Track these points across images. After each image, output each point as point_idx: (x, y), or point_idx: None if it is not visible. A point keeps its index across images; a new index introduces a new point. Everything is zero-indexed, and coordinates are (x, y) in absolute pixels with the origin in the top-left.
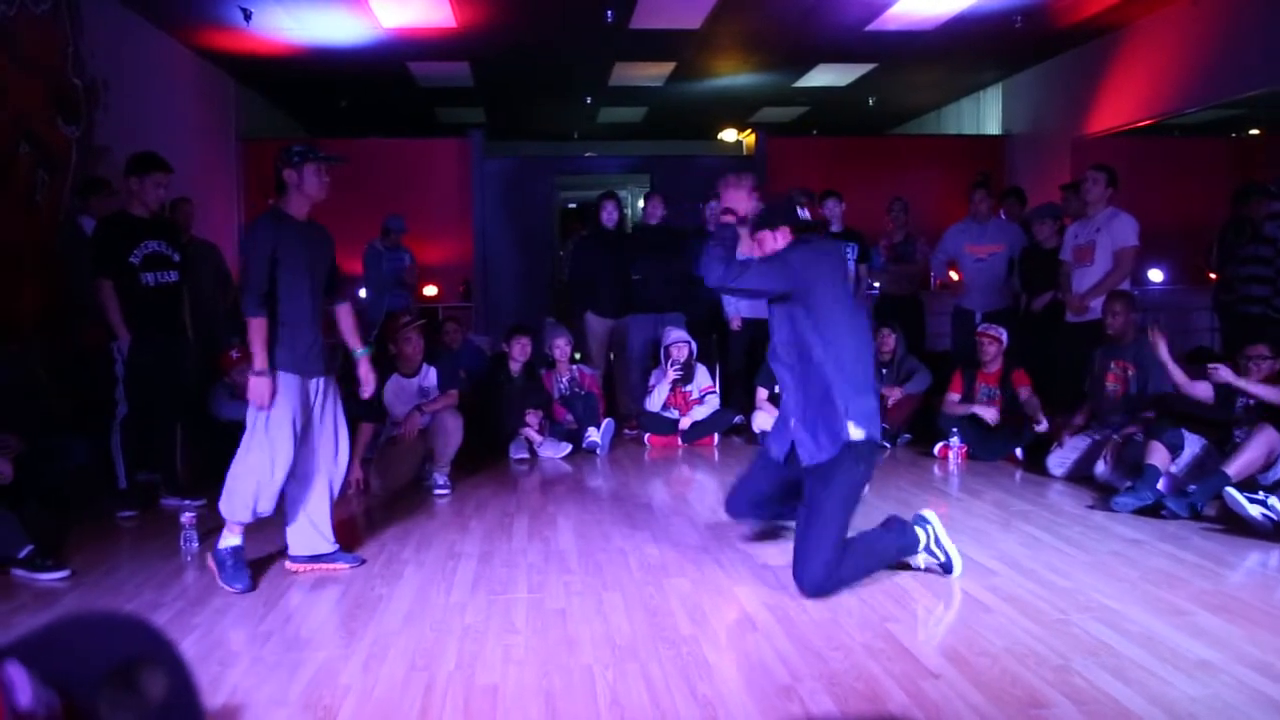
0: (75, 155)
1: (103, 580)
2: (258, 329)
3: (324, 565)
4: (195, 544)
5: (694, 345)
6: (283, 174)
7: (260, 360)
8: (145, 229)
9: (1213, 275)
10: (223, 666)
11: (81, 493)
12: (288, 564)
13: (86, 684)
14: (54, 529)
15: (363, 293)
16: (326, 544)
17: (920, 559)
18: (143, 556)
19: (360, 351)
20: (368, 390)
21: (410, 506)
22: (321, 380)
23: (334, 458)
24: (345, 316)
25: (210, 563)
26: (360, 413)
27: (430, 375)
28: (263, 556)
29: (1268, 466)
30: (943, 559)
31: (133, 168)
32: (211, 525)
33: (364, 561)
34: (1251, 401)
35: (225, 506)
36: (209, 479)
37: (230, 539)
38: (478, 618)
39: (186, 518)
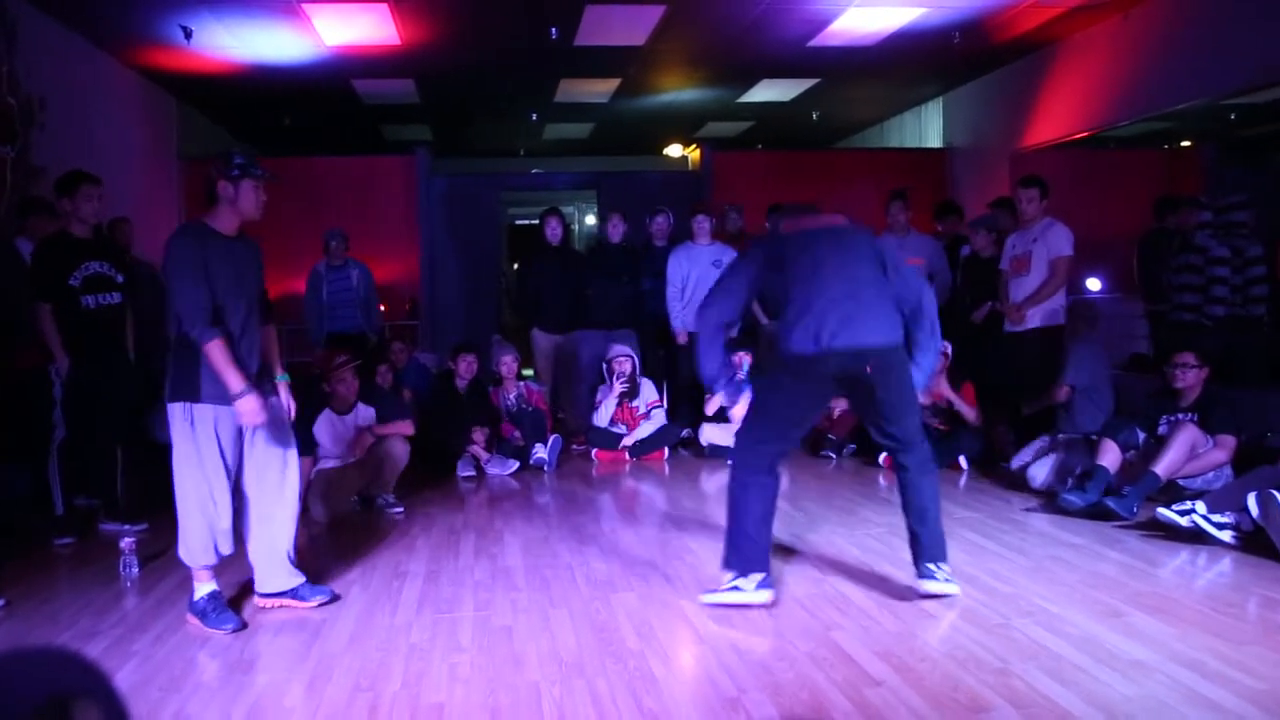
0: (10, 176)
1: (39, 609)
2: (219, 350)
3: (290, 602)
4: (135, 569)
5: (636, 359)
6: (217, 185)
7: (236, 381)
8: (86, 250)
9: (1137, 284)
10: (163, 693)
11: (17, 520)
12: (256, 600)
13: (17, 717)
14: None
15: None
16: (289, 579)
17: None
18: (80, 583)
19: (279, 377)
20: (251, 419)
21: (356, 526)
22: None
23: (281, 487)
24: (270, 340)
25: (190, 619)
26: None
27: (368, 414)
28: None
29: (1215, 469)
30: None
31: (61, 188)
32: (151, 550)
33: (338, 596)
34: (1181, 415)
35: (185, 554)
36: (149, 503)
37: (202, 587)
38: (423, 637)
39: (126, 543)
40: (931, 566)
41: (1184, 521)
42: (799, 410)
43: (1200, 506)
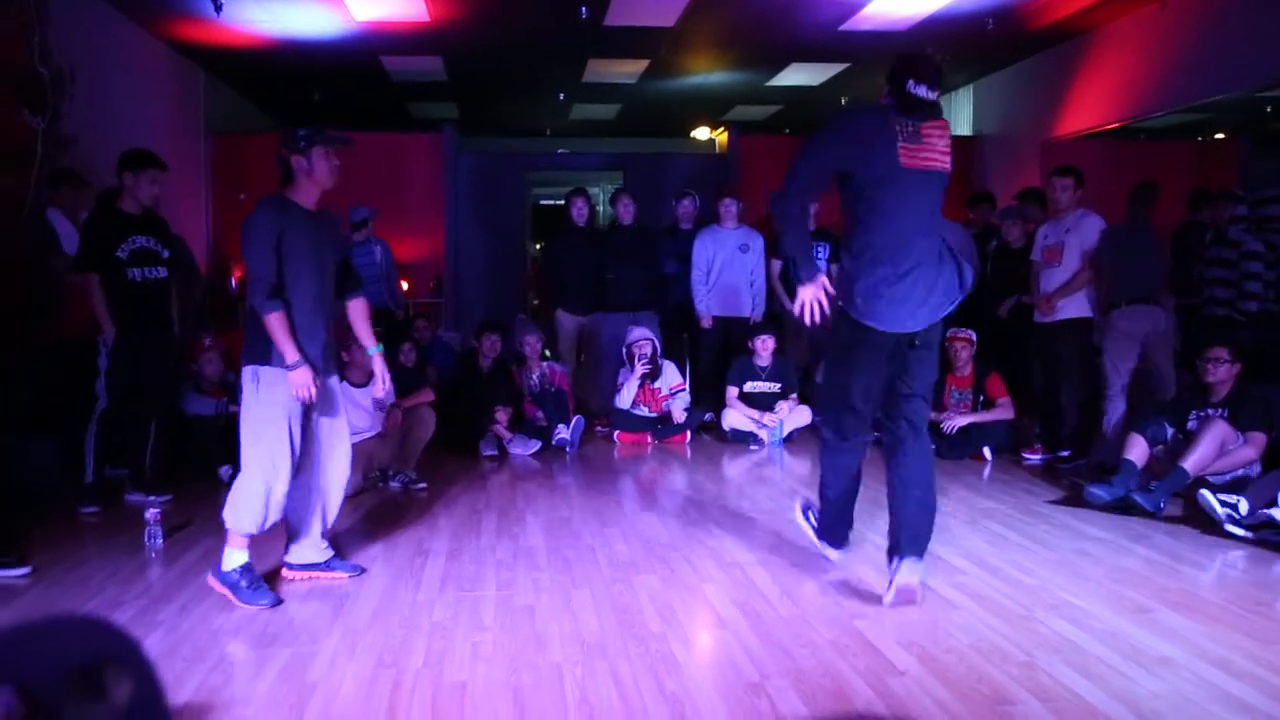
0: (41, 147)
1: (65, 577)
2: (278, 324)
3: (320, 574)
4: (160, 540)
5: (657, 341)
6: (290, 161)
7: (291, 352)
8: (134, 224)
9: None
10: (187, 664)
11: (46, 489)
12: (284, 572)
13: (50, 686)
14: (12, 526)
15: None
16: (320, 553)
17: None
18: (106, 553)
19: (372, 349)
20: (381, 388)
21: (379, 503)
22: (325, 382)
23: (342, 461)
24: (358, 313)
25: (218, 587)
26: None
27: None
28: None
29: (1245, 466)
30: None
31: (127, 163)
32: (176, 521)
33: (364, 570)
34: (1211, 411)
35: (231, 517)
36: (175, 475)
37: (236, 556)
38: (446, 615)
39: (151, 514)
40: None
41: (1221, 512)
42: (868, 376)
43: (1243, 505)
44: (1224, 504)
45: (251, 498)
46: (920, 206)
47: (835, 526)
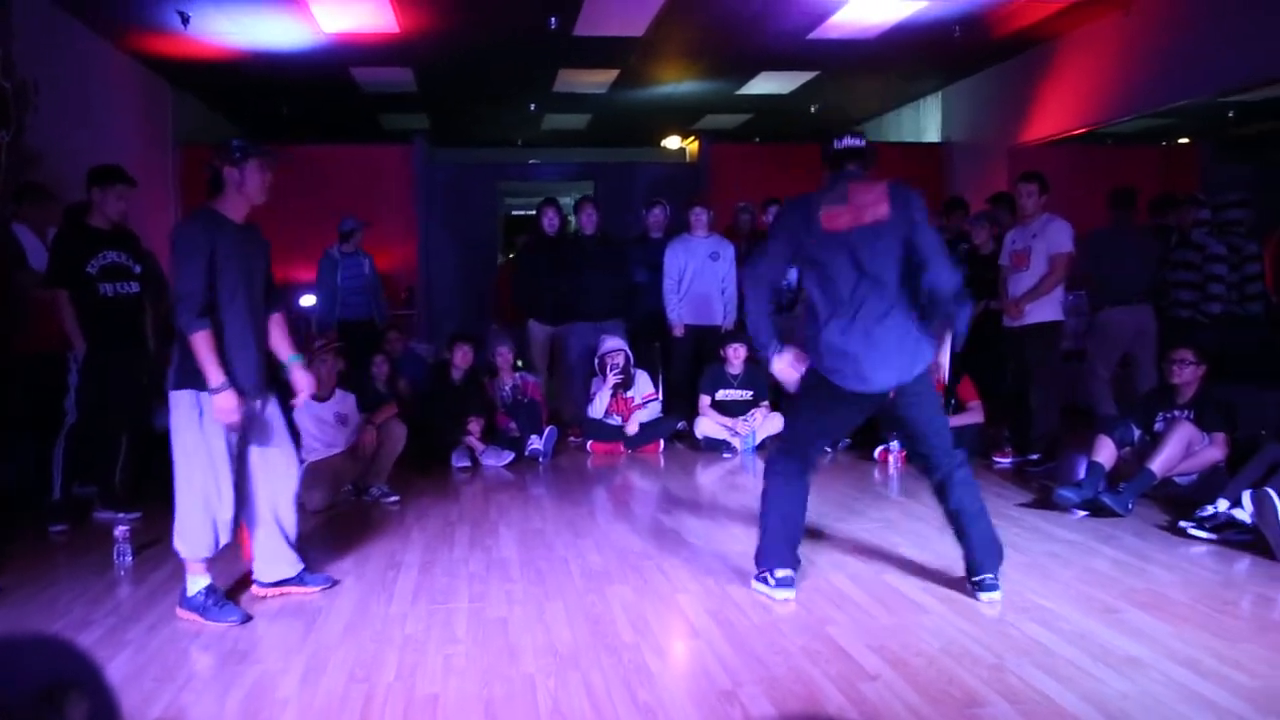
0: (5, 159)
1: (34, 597)
2: (204, 342)
3: (292, 589)
4: (129, 558)
5: (629, 351)
6: (222, 172)
7: (216, 375)
8: (104, 240)
9: None
10: (157, 683)
11: (12, 507)
12: (254, 589)
13: (9, 706)
14: None
15: (308, 300)
16: (291, 567)
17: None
18: (75, 571)
19: (291, 358)
20: (303, 395)
21: (350, 517)
22: (260, 399)
23: (285, 474)
24: (277, 325)
25: (184, 614)
26: None
27: (347, 401)
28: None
29: (1210, 466)
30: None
31: (95, 178)
32: (145, 539)
33: (336, 582)
34: (1177, 413)
35: (183, 546)
36: (143, 492)
37: (197, 581)
38: (418, 628)
39: (120, 531)
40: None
41: (1207, 535)
42: (831, 422)
43: (1222, 504)
44: (1208, 518)
45: (198, 525)
46: (862, 264)
47: (787, 548)
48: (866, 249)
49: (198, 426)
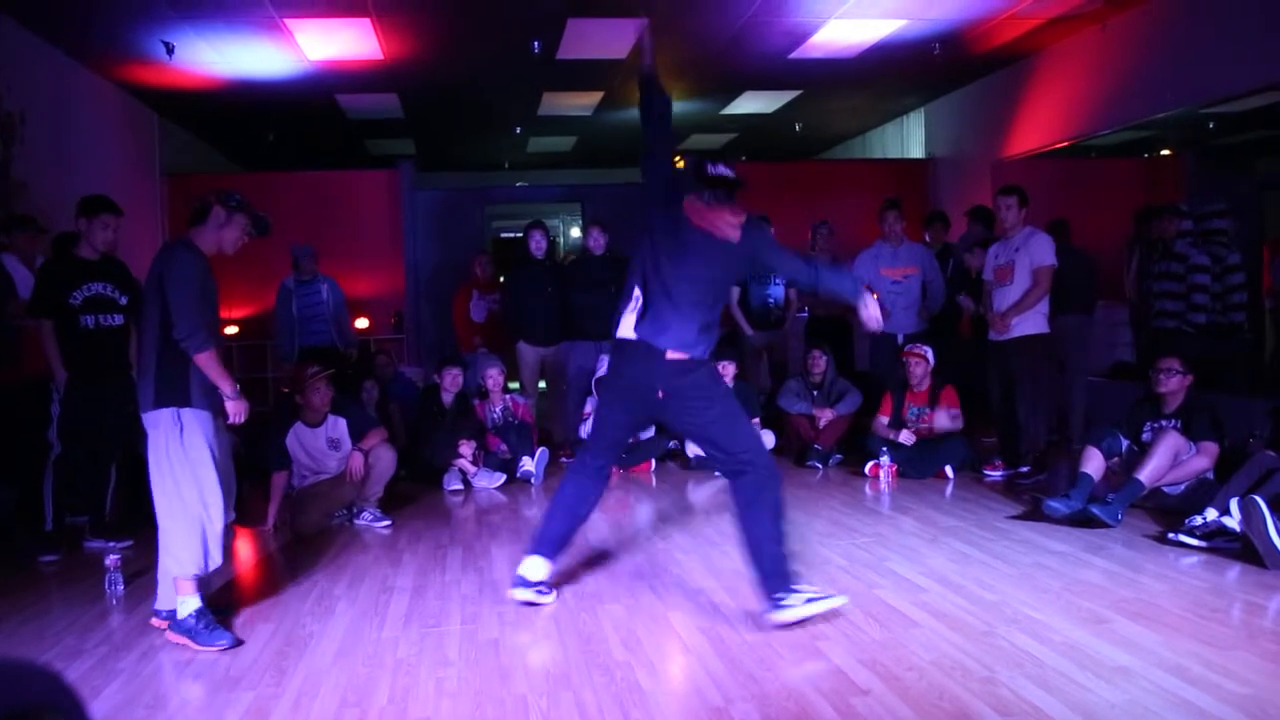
0: None
1: (23, 626)
2: (212, 361)
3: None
4: (121, 587)
5: None
6: (212, 208)
7: (230, 384)
8: (90, 271)
9: (1127, 292)
10: (150, 711)
11: (2, 537)
12: (154, 620)
13: None
14: None
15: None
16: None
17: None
18: (66, 601)
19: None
20: (238, 418)
21: (343, 542)
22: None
23: (223, 502)
24: None
25: (176, 638)
26: (270, 463)
27: (339, 426)
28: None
29: (1198, 475)
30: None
31: (82, 209)
32: (136, 567)
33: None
34: (1165, 423)
35: (174, 564)
36: (135, 520)
37: (188, 603)
38: (410, 651)
39: (111, 560)
40: (779, 596)
41: (1196, 543)
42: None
43: (1211, 513)
44: (1201, 527)
45: (188, 542)
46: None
47: (559, 543)
48: (700, 257)
49: (179, 442)
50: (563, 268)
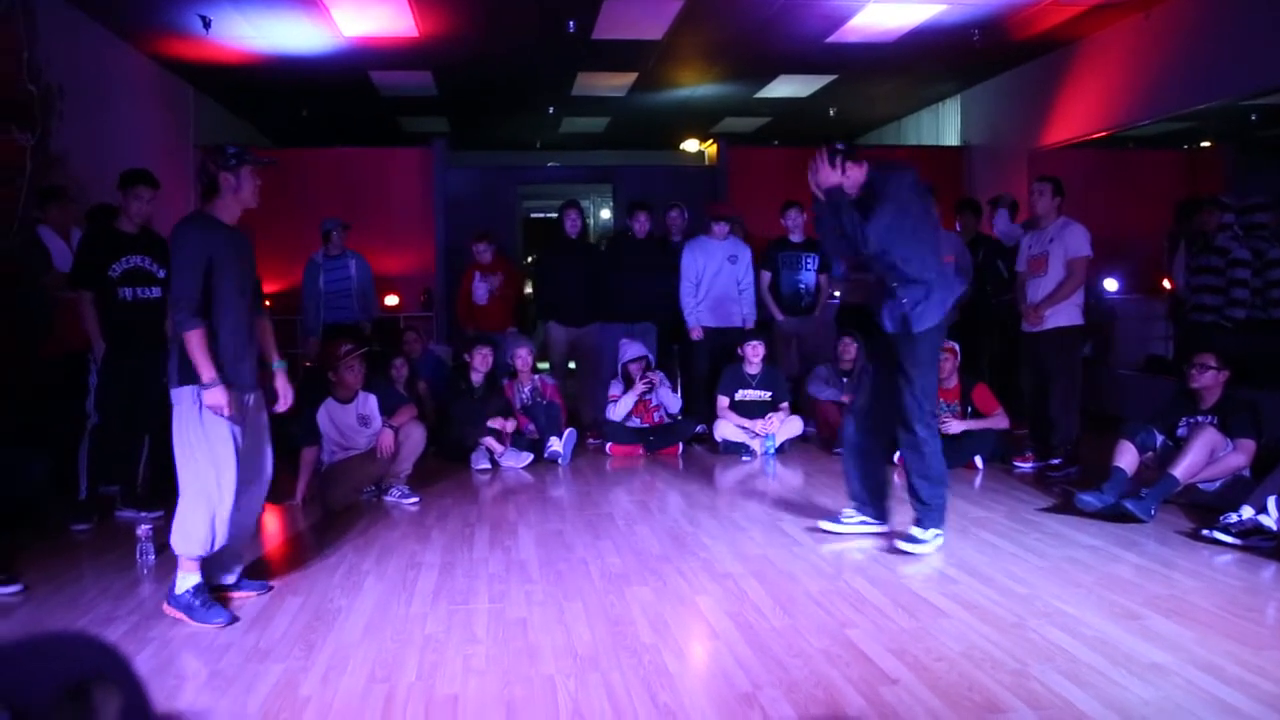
0: (30, 163)
1: (56, 594)
2: (198, 340)
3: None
4: (152, 557)
5: (652, 356)
6: (218, 177)
7: (208, 370)
8: (129, 244)
9: (1167, 285)
10: (179, 680)
11: (37, 505)
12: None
13: (41, 702)
14: (3, 543)
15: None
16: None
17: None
18: (98, 569)
19: (276, 365)
20: (284, 403)
21: (371, 518)
22: (252, 395)
23: (256, 479)
24: (265, 330)
25: (172, 612)
26: (299, 438)
27: (369, 403)
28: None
29: (1234, 472)
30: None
31: (120, 182)
32: (167, 538)
33: (271, 587)
34: (1201, 418)
35: (180, 542)
36: (166, 491)
37: (187, 579)
38: (438, 628)
39: (143, 530)
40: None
41: (1231, 541)
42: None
43: (1247, 511)
44: (1236, 531)
45: (198, 522)
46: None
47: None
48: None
49: (198, 421)
50: (596, 249)
